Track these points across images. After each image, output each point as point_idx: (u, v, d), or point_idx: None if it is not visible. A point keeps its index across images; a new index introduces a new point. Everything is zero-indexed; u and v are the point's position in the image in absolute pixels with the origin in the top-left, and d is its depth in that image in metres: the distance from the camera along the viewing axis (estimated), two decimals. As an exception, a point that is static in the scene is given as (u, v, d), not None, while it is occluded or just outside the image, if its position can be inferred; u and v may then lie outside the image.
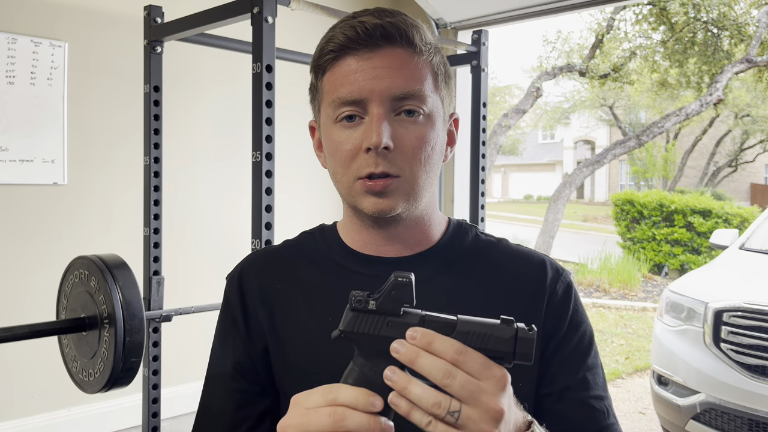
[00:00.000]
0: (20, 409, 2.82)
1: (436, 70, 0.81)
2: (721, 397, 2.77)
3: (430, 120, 0.79)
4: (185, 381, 3.26)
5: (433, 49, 0.81)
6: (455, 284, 0.84)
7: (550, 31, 30.34)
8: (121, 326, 1.53)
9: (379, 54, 0.77)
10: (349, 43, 0.77)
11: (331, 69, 0.80)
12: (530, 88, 7.62)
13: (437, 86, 0.81)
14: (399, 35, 0.78)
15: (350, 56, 0.78)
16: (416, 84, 0.78)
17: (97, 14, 2.96)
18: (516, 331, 0.57)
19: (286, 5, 1.88)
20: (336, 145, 0.79)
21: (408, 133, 0.78)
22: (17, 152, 2.76)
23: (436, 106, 0.80)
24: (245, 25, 1.85)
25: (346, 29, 0.78)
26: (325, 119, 0.82)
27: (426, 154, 0.79)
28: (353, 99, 0.77)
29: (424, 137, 0.79)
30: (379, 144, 0.75)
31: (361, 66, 0.77)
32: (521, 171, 31.54)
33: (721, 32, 7.90)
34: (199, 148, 3.32)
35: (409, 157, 0.78)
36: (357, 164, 0.78)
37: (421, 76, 0.78)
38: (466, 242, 0.89)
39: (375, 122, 0.76)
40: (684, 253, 8.99)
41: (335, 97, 0.78)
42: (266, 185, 1.77)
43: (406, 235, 0.84)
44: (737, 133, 18.84)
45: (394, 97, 0.77)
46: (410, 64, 0.78)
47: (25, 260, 2.81)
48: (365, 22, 0.77)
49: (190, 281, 3.21)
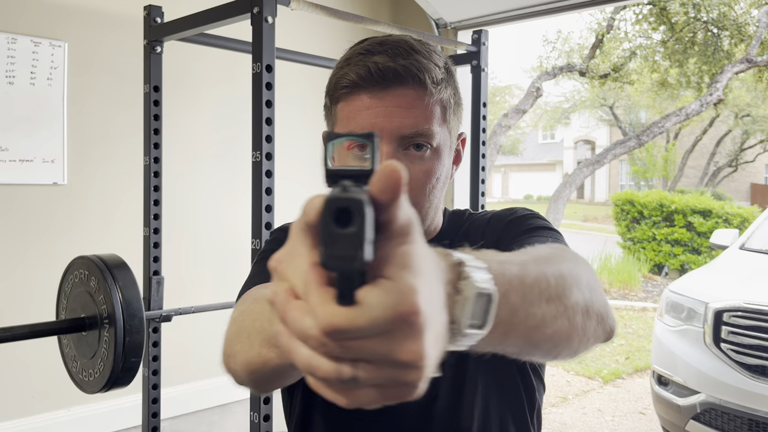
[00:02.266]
0: (20, 409, 2.82)
1: (446, 104, 0.85)
2: (721, 397, 2.77)
3: (437, 153, 0.84)
4: (185, 381, 3.26)
5: (443, 86, 0.84)
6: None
7: (550, 31, 30.34)
8: (121, 326, 1.53)
9: (391, 93, 0.81)
10: (361, 82, 0.81)
11: (344, 101, 0.84)
12: (530, 88, 7.62)
13: (445, 119, 0.85)
14: (411, 77, 0.81)
15: (364, 92, 0.81)
16: (425, 123, 0.82)
17: (97, 14, 2.96)
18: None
19: (286, 5, 1.88)
20: None
21: (414, 168, 0.82)
22: (17, 152, 2.76)
23: (443, 139, 0.85)
24: (245, 25, 1.85)
25: (360, 68, 0.81)
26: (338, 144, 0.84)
27: (431, 186, 0.84)
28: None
29: (430, 171, 0.84)
30: None
31: (373, 103, 0.81)
32: (521, 171, 31.54)
33: (721, 32, 7.90)
34: (199, 148, 3.32)
35: (415, 191, 0.83)
36: None
37: (431, 114, 0.82)
38: (462, 225, 0.95)
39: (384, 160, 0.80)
40: (684, 253, 8.99)
41: (348, 131, 0.82)
42: (266, 185, 1.77)
43: None
44: (737, 133, 18.84)
45: (403, 136, 0.81)
46: (420, 104, 0.81)
47: (25, 260, 2.81)
48: (378, 63, 0.80)
49: (190, 281, 3.21)
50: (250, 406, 1.78)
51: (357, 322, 0.34)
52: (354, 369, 0.36)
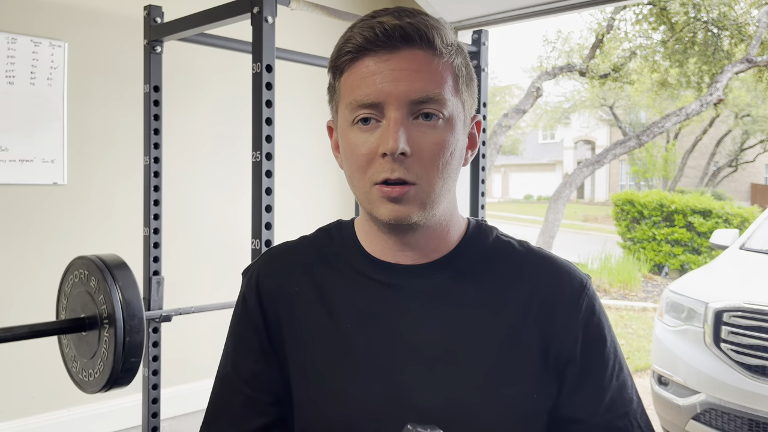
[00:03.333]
0: (20, 409, 2.82)
1: (457, 72, 0.78)
2: (721, 397, 2.77)
3: (449, 124, 0.77)
4: (185, 381, 3.26)
5: (454, 51, 0.78)
6: (474, 290, 0.82)
7: (550, 31, 30.34)
8: (121, 326, 1.52)
9: (398, 56, 0.75)
10: (367, 44, 0.75)
11: (348, 70, 0.77)
12: (530, 88, 7.62)
13: (458, 89, 0.78)
14: (419, 36, 0.75)
15: (368, 57, 0.75)
16: (436, 87, 0.75)
17: (97, 14, 2.96)
18: None
19: (286, 5, 1.88)
20: (352, 149, 0.77)
21: (426, 138, 0.75)
22: (17, 152, 2.75)
23: (456, 110, 0.78)
24: (245, 25, 1.85)
25: (364, 29, 0.75)
26: (342, 121, 0.80)
27: (444, 160, 0.76)
28: (370, 102, 0.75)
29: (443, 142, 0.76)
30: (395, 150, 0.73)
31: (379, 68, 0.75)
32: (521, 171, 31.53)
33: (721, 32, 7.90)
34: (199, 148, 3.32)
35: (426, 163, 0.75)
36: (373, 169, 0.75)
37: (441, 78, 0.76)
38: (486, 245, 0.86)
39: (392, 127, 0.74)
40: (684, 253, 8.99)
41: (352, 99, 0.76)
42: (266, 185, 1.77)
43: (423, 241, 0.82)
44: (737, 133, 18.84)
45: (413, 101, 0.74)
46: (430, 67, 0.75)
47: (25, 260, 2.81)
48: (384, 22, 0.75)
49: (190, 281, 3.21)
50: (250, 406, 1.78)
51: None
52: None
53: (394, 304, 0.81)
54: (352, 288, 0.83)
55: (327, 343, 0.82)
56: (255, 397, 0.84)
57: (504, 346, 0.79)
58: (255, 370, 0.85)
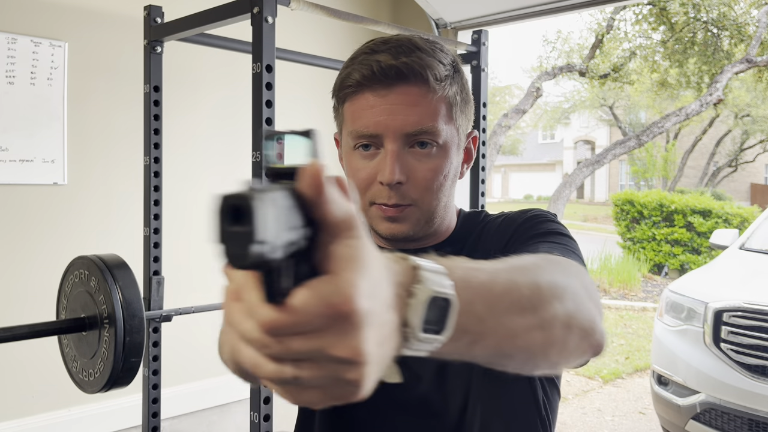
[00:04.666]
0: (20, 409, 2.82)
1: (452, 102, 0.84)
2: (721, 397, 2.77)
3: (443, 151, 0.84)
4: (185, 381, 3.26)
5: (449, 83, 0.84)
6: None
7: (550, 31, 30.34)
8: (121, 326, 1.53)
9: (395, 91, 0.81)
10: (365, 81, 0.82)
11: (350, 100, 0.85)
12: (530, 88, 7.62)
13: (452, 117, 0.85)
14: (413, 75, 0.81)
15: (368, 91, 0.82)
16: (429, 121, 0.82)
17: (97, 14, 2.96)
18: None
19: (286, 5, 1.88)
20: (354, 172, 0.86)
21: (421, 166, 0.83)
22: (17, 152, 2.75)
23: (450, 136, 0.85)
24: (245, 25, 1.85)
25: (363, 67, 0.82)
26: (345, 143, 0.89)
27: (438, 183, 0.84)
28: (369, 133, 0.83)
29: (437, 169, 0.84)
30: (392, 181, 0.81)
31: (377, 102, 0.82)
32: (521, 171, 31.54)
33: (721, 32, 7.90)
34: (199, 148, 3.32)
35: (421, 188, 0.83)
36: (372, 192, 0.84)
37: (435, 111, 0.82)
38: (476, 228, 0.93)
39: (389, 158, 0.82)
40: (684, 253, 8.99)
41: (353, 129, 0.84)
42: (266, 185, 1.77)
43: (421, 239, 0.90)
44: (737, 133, 18.85)
45: (408, 134, 0.82)
46: (425, 101, 0.82)
47: (25, 260, 2.81)
48: (381, 61, 0.81)
49: (190, 281, 3.21)
50: (250, 405, 1.78)
51: (286, 319, 0.34)
52: (296, 369, 0.35)
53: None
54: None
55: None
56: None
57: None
58: None
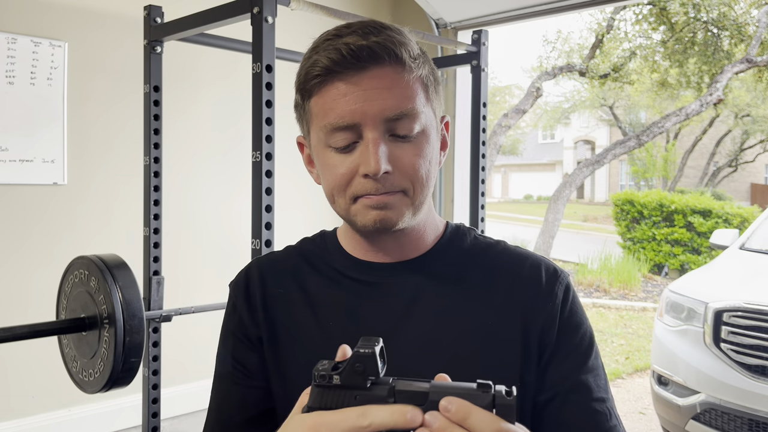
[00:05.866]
0: (20, 409, 2.82)
1: (426, 82, 0.79)
2: (721, 397, 2.77)
3: (424, 135, 0.78)
4: (185, 381, 3.26)
5: (421, 62, 0.79)
6: (453, 288, 0.84)
7: (550, 31, 30.36)
8: (121, 326, 1.53)
9: (368, 75, 0.74)
10: (334, 67, 0.74)
11: (318, 93, 0.77)
12: (530, 88, 7.62)
13: (428, 98, 0.80)
14: (386, 54, 0.75)
15: (338, 80, 0.75)
16: (408, 102, 0.76)
17: (97, 14, 2.96)
18: (493, 398, 0.55)
19: (286, 5, 1.88)
20: (330, 169, 0.78)
21: (405, 153, 0.76)
22: (17, 152, 2.75)
23: (429, 120, 0.79)
24: (245, 25, 1.85)
25: (330, 52, 0.74)
26: (316, 141, 0.80)
27: (425, 169, 0.78)
28: (345, 124, 0.75)
29: (421, 154, 0.77)
30: (377, 171, 0.74)
31: (350, 89, 0.74)
32: (521, 171, 31.54)
33: (721, 32, 7.90)
34: (199, 148, 3.32)
35: (409, 175, 0.77)
36: (354, 187, 0.77)
37: (413, 93, 0.76)
38: (465, 245, 0.88)
39: (372, 148, 0.74)
40: (684, 253, 8.99)
41: (326, 123, 0.76)
42: (266, 185, 1.77)
43: (405, 242, 0.84)
44: (737, 133, 18.84)
45: (388, 119, 0.75)
46: (401, 83, 0.76)
47: (25, 260, 2.81)
48: (350, 43, 0.74)
49: (190, 281, 3.21)
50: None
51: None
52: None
53: (376, 301, 0.83)
54: (335, 288, 0.86)
55: (310, 340, 0.84)
56: (247, 389, 0.86)
57: (485, 342, 0.81)
58: (246, 361, 0.87)
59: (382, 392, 0.57)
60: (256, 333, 0.87)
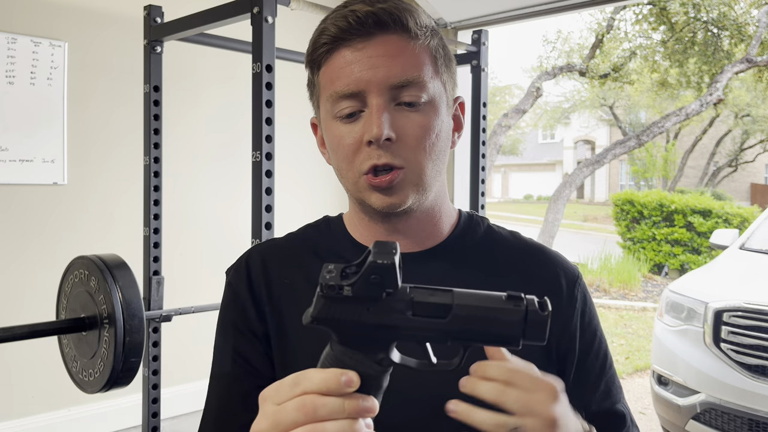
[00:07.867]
0: (20, 409, 2.82)
1: (435, 53, 0.78)
2: (721, 397, 2.77)
3: (432, 107, 0.76)
4: (185, 381, 3.26)
5: (430, 32, 0.78)
6: (470, 279, 0.80)
7: (550, 31, 30.37)
8: (121, 326, 1.53)
9: (374, 42, 0.74)
10: (341, 34, 0.74)
11: (326, 63, 0.77)
12: (530, 88, 7.61)
13: (437, 70, 0.78)
14: (392, 21, 0.74)
15: (344, 48, 0.75)
16: (414, 71, 0.75)
17: (97, 14, 2.96)
18: (526, 313, 0.51)
19: (286, 5, 1.88)
20: (337, 140, 0.77)
21: (410, 123, 0.75)
22: (17, 152, 2.76)
23: (437, 92, 0.77)
24: (245, 25, 1.85)
25: (337, 20, 0.75)
26: (324, 115, 0.80)
27: (430, 142, 0.76)
28: (350, 92, 0.74)
29: (428, 125, 0.75)
30: (380, 136, 0.72)
31: (356, 56, 0.74)
32: (521, 171, 31.54)
33: (721, 32, 7.90)
34: (199, 148, 3.32)
35: (413, 147, 0.75)
36: (360, 158, 0.75)
37: (419, 61, 0.75)
38: (478, 235, 0.86)
39: (375, 114, 0.73)
40: (684, 253, 8.99)
41: (332, 92, 0.76)
42: (266, 185, 1.77)
43: (417, 228, 0.82)
44: (737, 133, 18.84)
45: (393, 86, 0.74)
46: (407, 51, 0.75)
47: (25, 260, 2.81)
48: (356, 10, 0.74)
49: (190, 281, 3.21)
50: (250, 406, 1.78)
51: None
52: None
53: None
54: None
55: (321, 334, 0.81)
56: (248, 386, 0.81)
57: None
58: (256, 355, 0.82)
59: (398, 305, 0.52)
60: (263, 329, 0.82)
